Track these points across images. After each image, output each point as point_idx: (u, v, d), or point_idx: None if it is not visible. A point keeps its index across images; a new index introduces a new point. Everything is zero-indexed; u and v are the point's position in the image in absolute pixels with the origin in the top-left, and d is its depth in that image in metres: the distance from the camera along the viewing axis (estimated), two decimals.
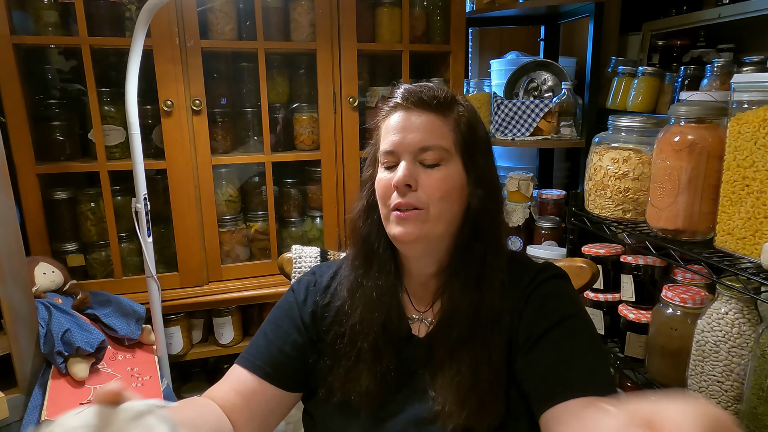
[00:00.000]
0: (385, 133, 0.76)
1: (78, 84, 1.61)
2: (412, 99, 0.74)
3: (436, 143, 0.72)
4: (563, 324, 0.70)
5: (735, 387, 0.98)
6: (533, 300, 0.73)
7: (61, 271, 1.42)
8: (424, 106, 0.73)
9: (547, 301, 0.73)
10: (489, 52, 2.53)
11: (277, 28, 1.63)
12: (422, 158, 0.73)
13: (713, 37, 1.84)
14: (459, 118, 0.75)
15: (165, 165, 1.54)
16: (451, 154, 0.73)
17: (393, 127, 0.74)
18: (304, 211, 1.82)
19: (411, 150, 0.72)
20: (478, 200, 0.75)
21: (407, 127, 0.73)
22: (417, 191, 0.72)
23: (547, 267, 0.79)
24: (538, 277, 0.75)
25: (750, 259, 0.91)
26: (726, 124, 0.95)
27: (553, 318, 0.71)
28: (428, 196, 0.72)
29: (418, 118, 0.73)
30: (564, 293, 0.75)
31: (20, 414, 1.22)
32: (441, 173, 0.73)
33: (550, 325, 0.70)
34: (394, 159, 0.74)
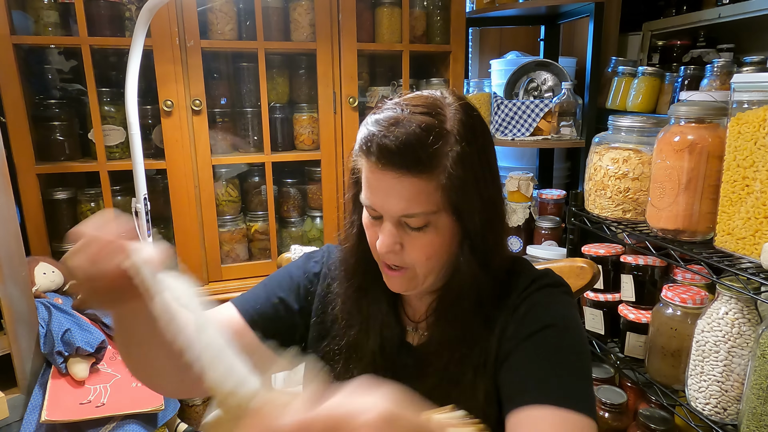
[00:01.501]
0: (365, 180, 0.68)
1: (78, 84, 1.61)
2: (385, 160, 0.62)
3: (419, 210, 0.64)
4: (541, 333, 0.67)
5: (735, 387, 0.98)
6: (521, 309, 0.70)
7: (61, 271, 1.42)
8: (400, 167, 0.62)
9: (533, 309, 0.69)
10: (489, 52, 2.53)
11: (277, 28, 1.63)
12: (406, 221, 0.66)
13: (713, 37, 1.84)
14: (445, 167, 0.63)
15: (165, 165, 1.54)
16: (439, 211, 0.65)
17: (372, 185, 0.66)
18: (304, 211, 1.82)
19: (394, 215, 0.65)
20: (464, 260, 0.68)
21: (386, 191, 0.64)
22: (402, 253, 0.67)
23: (543, 275, 0.75)
24: (531, 286, 0.72)
25: (750, 259, 0.91)
26: (726, 124, 0.95)
27: (533, 327, 0.67)
28: (414, 260, 0.68)
29: (397, 183, 0.63)
30: (553, 303, 0.71)
31: (20, 414, 1.22)
32: (427, 237, 0.66)
33: (528, 334, 0.67)
34: (376, 213, 0.68)
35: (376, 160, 0.63)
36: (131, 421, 1.27)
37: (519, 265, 0.77)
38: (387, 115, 0.65)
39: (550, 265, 1.03)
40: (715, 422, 1.01)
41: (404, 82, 1.75)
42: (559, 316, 0.69)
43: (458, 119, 0.66)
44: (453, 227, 0.67)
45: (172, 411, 1.41)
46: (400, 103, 0.67)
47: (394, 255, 0.67)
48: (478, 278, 0.69)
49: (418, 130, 0.62)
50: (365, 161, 0.66)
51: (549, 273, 0.77)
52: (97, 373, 1.32)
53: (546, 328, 0.67)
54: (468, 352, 0.70)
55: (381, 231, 0.67)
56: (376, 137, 0.63)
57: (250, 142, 1.69)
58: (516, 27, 2.50)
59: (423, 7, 1.78)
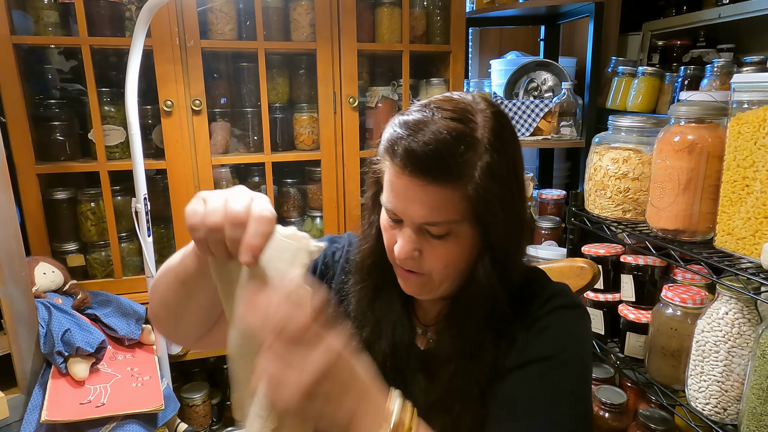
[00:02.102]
0: (387, 184, 0.66)
1: (78, 84, 1.61)
2: (412, 166, 0.60)
3: (442, 219, 0.62)
4: (544, 362, 0.65)
5: (735, 387, 0.98)
6: (532, 329, 0.68)
7: (61, 271, 1.42)
8: (426, 175, 0.60)
9: (543, 333, 0.67)
10: (489, 52, 2.53)
11: (277, 28, 1.63)
12: (427, 228, 0.64)
13: (713, 37, 1.84)
14: (473, 178, 0.61)
15: (165, 165, 1.54)
16: (462, 221, 0.63)
17: (395, 189, 0.64)
18: (304, 211, 1.82)
19: (415, 221, 0.64)
20: (483, 271, 0.66)
21: (410, 197, 0.62)
22: (420, 259, 0.66)
23: (559, 293, 0.72)
24: (546, 305, 0.69)
25: (750, 259, 0.91)
26: (726, 124, 0.95)
27: (537, 352, 0.65)
28: (432, 267, 0.66)
29: (421, 191, 0.61)
30: (565, 328, 0.68)
31: (20, 414, 1.22)
32: (448, 246, 0.65)
33: (531, 359, 0.65)
34: (396, 217, 0.66)
35: (402, 164, 0.61)
36: (131, 421, 1.27)
37: (535, 276, 0.75)
38: (415, 118, 0.62)
39: (550, 265, 1.03)
40: (715, 422, 1.01)
41: (404, 82, 1.75)
42: (568, 345, 0.67)
43: (490, 127, 0.63)
44: (474, 237, 0.65)
45: (172, 411, 1.41)
46: (430, 105, 0.64)
47: (411, 261, 0.66)
48: (494, 291, 0.67)
49: (448, 137, 0.60)
50: (389, 164, 0.64)
51: (565, 291, 0.73)
52: (97, 373, 1.32)
53: (550, 359, 0.65)
54: (475, 366, 0.68)
55: (400, 236, 0.65)
56: (403, 140, 0.61)
57: (250, 142, 1.69)
58: (516, 27, 2.50)
59: (423, 7, 1.78)
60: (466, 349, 0.68)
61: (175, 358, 1.64)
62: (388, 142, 0.64)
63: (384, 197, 0.67)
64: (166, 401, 1.33)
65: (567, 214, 1.45)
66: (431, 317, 0.78)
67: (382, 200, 0.67)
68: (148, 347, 1.47)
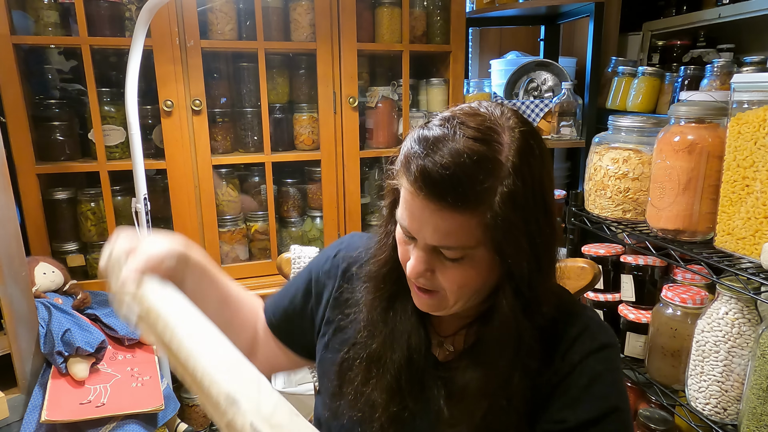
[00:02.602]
0: (402, 200, 0.62)
1: (78, 84, 1.61)
2: (427, 189, 0.56)
3: (456, 245, 0.59)
4: (607, 420, 0.63)
5: (735, 387, 0.98)
6: (581, 373, 0.64)
7: (61, 271, 1.42)
8: (442, 200, 0.56)
9: (597, 382, 0.64)
10: (489, 52, 2.53)
11: (277, 28, 1.63)
12: (441, 251, 0.61)
13: (713, 37, 1.84)
14: (491, 206, 0.56)
15: (165, 165, 1.54)
16: (478, 248, 0.59)
17: (409, 208, 0.60)
18: (303, 211, 1.82)
19: (429, 243, 0.60)
20: (506, 303, 0.62)
21: (424, 219, 0.59)
22: (433, 278, 0.63)
23: (599, 328, 0.68)
24: (588, 342, 0.66)
25: (750, 259, 0.91)
26: (726, 124, 0.95)
27: (598, 408, 0.63)
28: (445, 286, 0.63)
29: (435, 215, 0.57)
30: (614, 372, 0.66)
31: (20, 414, 1.22)
32: (462, 268, 0.61)
33: (593, 418, 0.63)
34: (410, 234, 0.63)
35: (417, 186, 0.57)
36: (131, 421, 1.27)
37: (565, 302, 0.70)
38: (435, 135, 0.57)
39: None
40: (715, 422, 1.01)
41: (404, 82, 1.75)
42: (619, 392, 0.65)
43: (516, 149, 0.57)
44: (492, 262, 0.61)
45: (172, 411, 1.41)
46: (453, 120, 0.59)
47: (424, 279, 0.63)
48: (519, 324, 0.62)
49: (467, 161, 0.55)
50: (405, 181, 0.60)
51: (601, 323, 0.70)
52: (97, 373, 1.32)
53: (611, 413, 0.63)
54: (500, 403, 0.65)
55: (413, 254, 0.63)
56: (418, 158, 0.56)
57: (250, 142, 1.69)
58: (516, 27, 2.50)
59: (423, 7, 1.78)
60: (490, 387, 0.65)
61: None
62: (404, 157, 0.60)
63: (399, 213, 0.63)
64: (166, 401, 1.33)
65: (567, 214, 1.45)
66: (450, 329, 0.75)
67: (397, 215, 0.63)
68: (148, 347, 1.47)
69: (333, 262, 0.82)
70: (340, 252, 0.83)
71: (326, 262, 0.83)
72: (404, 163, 0.60)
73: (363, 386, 0.72)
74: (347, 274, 0.80)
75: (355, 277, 0.78)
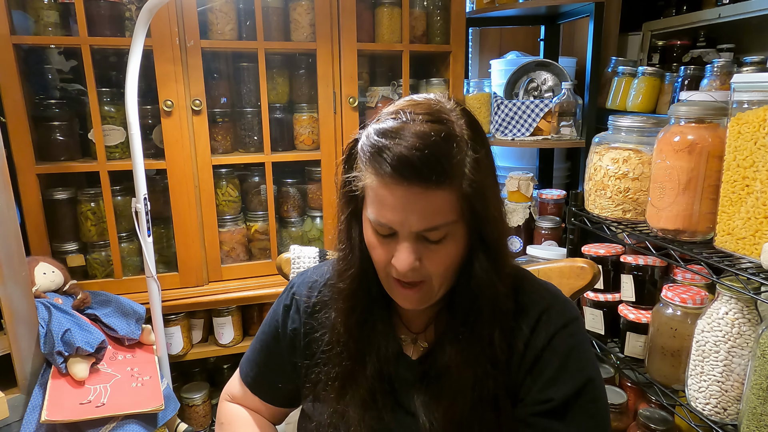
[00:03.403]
0: (374, 198, 0.62)
1: (78, 84, 1.61)
2: (408, 174, 0.58)
3: (442, 222, 0.61)
4: (583, 393, 0.66)
5: (735, 387, 0.98)
6: (553, 352, 0.68)
7: (61, 271, 1.41)
8: (426, 181, 0.58)
9: (571, 358, 0.68)
10: (489, 52, 2.53)
11: (277, 28, 1.63)
12: (426, 235, 0.62)
13: (713, 37, 1.84)
14: (465, 174, 0.61)
15: (165, 165, 1.54)
16: (458, 222, 0.63)
17: (387, 202, 0.60)
18: (304, 211, 1.82)
19: (415, 230, 0.61)
20: (479, 266, 0.66)
21: (408, 208, 0.60)
22: (420, 268, 0.64)
23: (563, 305, 0.72)
24: (554, 319, 0.69)
25: (750, 259, 0.91)
26: (726, 124, 0.95)
27: (576, 382, 0.67)
28: (432, 272, 0.64)
29: (420, 199, 0.59)
30: (583, 345, 0.70)
31: (20, 414, 1.22)
32: (447, 249, 0.63)
33: (571, 392, 0.66)
34: (389, 231, 0.63)
35: (397, 174, 0.58)
36: (131, 421, 1.27)
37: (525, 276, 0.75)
38: (394, 125, 0.60)
39: (550, 265, 1.03)
40: (715, 422, 1.01)
41: (404, 82, 1.75)
42: (592, 362, 0.69)
43: (464, 123, 0.63)
44: (467, 234, 0.65)
45: (172, 411, 1.41)
46: (400, 112, 0.62)
47: (413, 271, 0.63)
48: (495, 285, 0.66)
49: (437, 139, 0.58)
50: (374, 177, 0.61)
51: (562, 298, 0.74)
52: (97, 373, 1.32)
53: (586, 385, 0.67)
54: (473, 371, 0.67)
55: (398, 249, 0.63)
56: (391, 150, 0.58)
57: (250, 142, 1.69)
58: (516, 27, 2.50)
59: (423, 7, 1.78)
60: (473, 352, 0.67)
61: (175, 358, 1.64)
62: (371, 154, 0.60)
63: (372, 213, 0.63)
64: (166, 401, 1.33)
65: (567, 214, 1.45)
66: (419, 324, 0.76)
67: (370, 216, 0.63)
68: (148, 347, 1.47)
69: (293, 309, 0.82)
70: (295, 295, 0.82)
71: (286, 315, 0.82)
72: (372, 159, 0.60)
73: (338, 404, 0.73)
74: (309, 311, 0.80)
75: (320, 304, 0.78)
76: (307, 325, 0.79)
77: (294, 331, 0.81)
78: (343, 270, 0.72)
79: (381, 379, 0.72)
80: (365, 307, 0.73)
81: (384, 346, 0.73)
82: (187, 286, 1.62)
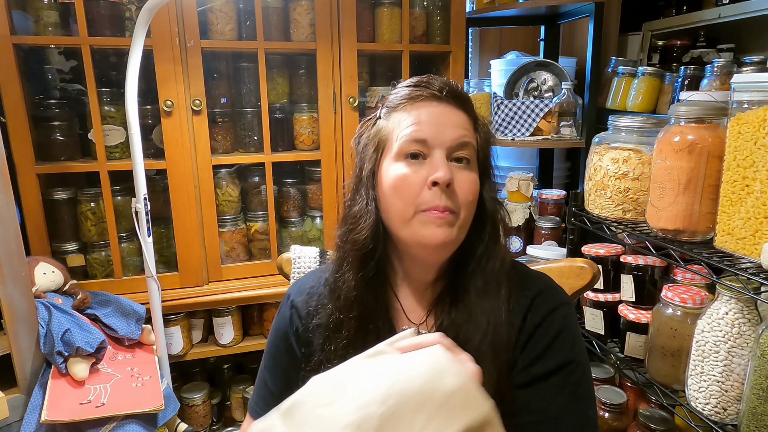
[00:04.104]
0: (410, 121, 0.69)
1: (78, 84, 1.61)
2: (448, 93, 0.71)
3: (470, 140, 0.71)
4: (566, 370, 0.69)
5: (735, 387, 0.98)
6: (545, 331, 0.70)
7: (61, 271, 1.41)
8: (460, 101, 0.72)
9: (558, 338, 0.70)
10: (489, 52, 2.53)
11: (277, 28, 1.63)
12: (457, 155, 0.69)
13: (713, 37, 1.84)
14: (478, 118, 0.74)
15: (165, 165, 1.54)
16: (475, 154, 0.72)
17: (426, 119, 0.69)
18: (304, 211, 1.82)
19: (449, 144, 0.69)
20: (489, 199, 0.74)
21: (444, 122, 0.69)
22: (453, 193, 0.68)
23: (554, 290, 0.75)
24: (546, 302, 0.72)
25: (750, 259, 0.91)
26: (726, 124, 0.95)
27: (558, 360, 0.69)
28: (462, 199, 0.68)
29: (455, 114, 0.70)
30: (573, 328, 0.73)
31: (20, 414, 1.22)
32: (471, 174, 0.70)
33: (553, 368, 0.68)
34: (423, 150, 0.68)
35: (438, 92, 0.70)
36: (131, 421, 1.27)
37: (519, 264, 0.79)
38: (421, 78, 0.74)
39: (550, 265, 1.03)
40: (715, 422, 1.01)
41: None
42: (579, 345, 0.72)
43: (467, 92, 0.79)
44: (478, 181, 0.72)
45: (172, 411, 1.41)
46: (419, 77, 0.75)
47: (448, 193, 0.67)
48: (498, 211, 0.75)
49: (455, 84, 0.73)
50: (412, 103, 0.71)
51: (553, 284, 0.77)
52: (97, 373, 1.32)
53: (570, 364, 0.69)
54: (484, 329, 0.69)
55: (435, 165, 0.68)
56: (425, 83, 0.72)
57: (250, 142, 1.69)
58: (516, 27, 2.50)
59: (423, 7, 1.78)
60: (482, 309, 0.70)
61: (175, 358, 1.64)
62: (409, 88, 0.73)
63: (407, 133, 0.69)
64: (166, 401, 1.33)
65: (567, 214, 1.45)
66: (421, 314, 0.77)
67: (403, 139, 0.69)
68: (148, 347, 1.47)
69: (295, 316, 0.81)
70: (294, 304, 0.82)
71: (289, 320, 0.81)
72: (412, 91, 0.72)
73: None
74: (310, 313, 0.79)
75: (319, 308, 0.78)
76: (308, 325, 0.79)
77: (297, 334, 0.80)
78: (359, 218, 0.73)
79: None
80: (376, 264, 0.74)
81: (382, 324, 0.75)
82: (187, 286, 1.62)
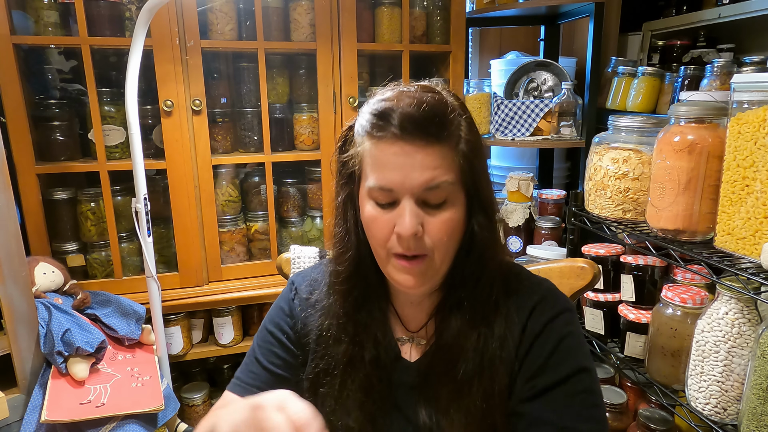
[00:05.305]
0: (375, 163, 0.64)
1: (78, 84, 1.61)
2: (411, 128, 0.61)
3: (443, 180, 0.62)
4: (574, 379, 0.66)
5: (735, 387, 0.98)
6: (545, 340, 0.68)
7: (61, 271, 1.42)
8: (427, 135, 0.61)
9: (561, 346, 0.67)
10: (489, 52, 2.53)
11: (277, 28, 1.63)
12: (427, 197, 0.63)
13: (713, 37, 1.84)
14: (461, 134, 0.64)
15: (165, 165, 1.54)
16: (456, 185, 0.64)
17: (390, 162, 0.62)
18: (304, 211, 1.82)
19: (416, 191, 0.62)
20: (478, 226, 0.68)
21: (409, 164, 0.61)
22: (422, 237, 0.64)
23: (555, 296, 0.72)
24: (547, 310, 0.69)
25: (750, 259, 0.91)
26: (726, 124, 0.95)
27: (565, 369, 0.66)
28: (434, 242, 0.64)
29: (421, 153, 0.61)
30: (577, 335, 0.70)
31: (20, 414, 1.22)
32: (448, 214, 0.64)
33: (561, 378, 0.66)
34: (389, 198, 0.64)
35: (399, 131, 0.61)
36: (131, 421, 1.27)
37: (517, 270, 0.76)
38: (392, 94, 0.64)
39: (550, 265, 1.02)
40: (715, 422, 1.01)
41: (404, 82, 1.74)
42: (584, 353, 0.69)
43: (451, 95, 0.68)
44: (464, 208, 0.67)
45: (172, 411, 1.41)
46: (395, 87, 0.67)
47: (415, 240, 0.63)
48: (494, 243, 0.69)
49: (433, 101, 0.62)
50: (375, 142, 0.63)
51: (555, 290, 0.74)
52: (97, 373, 1.32)
53: (577, 373, 0.66)
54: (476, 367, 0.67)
55: (401, 214, 0.63)
56: (392, 110, 0.61)
57: (250, 142, 1.69)
58: (516, 27, 2.50)
59: (423, 7, 1.78)
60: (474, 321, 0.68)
61: (175, 358, 1.64)
62: (373, 119, 0.63)
63: (372, 179, 0.64)
64: (166, 401, 1.33)
65: (567, 214, 1.45)
66: (417, 323, 0.76)
67: (370, 184, 0.64)
68: (148, 347, 1.47)
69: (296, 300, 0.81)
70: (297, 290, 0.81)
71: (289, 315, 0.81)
72: (376, 123, 0.63)
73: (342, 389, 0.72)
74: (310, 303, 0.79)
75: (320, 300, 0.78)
76: (308, 317, 0.79)
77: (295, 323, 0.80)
78: (341, 253, 0.73)
79: (378, 368, 0.72)
80: (363, 292, 0.73)
81: (381, 334, 0.73)
82: (187, 286, 1.62)
